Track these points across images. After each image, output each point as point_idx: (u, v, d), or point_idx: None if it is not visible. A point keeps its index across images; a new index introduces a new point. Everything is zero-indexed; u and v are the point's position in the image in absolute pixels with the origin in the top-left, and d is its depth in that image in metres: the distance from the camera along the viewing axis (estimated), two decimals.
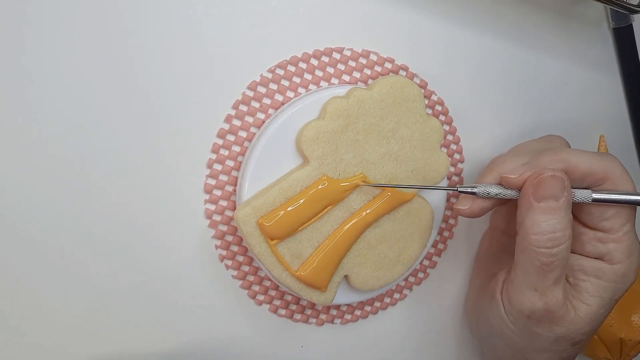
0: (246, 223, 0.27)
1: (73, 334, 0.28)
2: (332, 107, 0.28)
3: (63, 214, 0.27)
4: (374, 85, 0.29)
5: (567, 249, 0.27)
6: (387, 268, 0.31)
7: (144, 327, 0.29)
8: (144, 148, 0.28)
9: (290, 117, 0.29)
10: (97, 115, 0.27)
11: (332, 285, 0.30)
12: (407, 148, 0.30)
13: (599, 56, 0.39)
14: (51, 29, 0.26)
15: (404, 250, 0.31)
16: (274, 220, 0.27)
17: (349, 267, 0.30)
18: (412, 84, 0.30)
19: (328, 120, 0.28)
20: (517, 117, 0.37)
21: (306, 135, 0.28)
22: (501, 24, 0.35)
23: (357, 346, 0.35)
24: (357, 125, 0.29)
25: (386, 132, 0.30)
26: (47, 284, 0.27)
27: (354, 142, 0.29)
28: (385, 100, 0.29)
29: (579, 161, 0.28)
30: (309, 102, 0.29)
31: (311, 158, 0.28)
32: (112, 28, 0.27)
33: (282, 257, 0.28)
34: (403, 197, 0.30)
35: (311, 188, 0.28)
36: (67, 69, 0.26)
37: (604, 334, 0.38)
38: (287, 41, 0.30)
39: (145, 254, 0.29)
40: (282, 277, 0.28)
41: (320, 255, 0.29)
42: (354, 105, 0.29)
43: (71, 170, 0.27)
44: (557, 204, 0.27)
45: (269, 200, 0.28)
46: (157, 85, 0.28)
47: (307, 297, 0.29)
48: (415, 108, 0.30)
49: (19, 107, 0.26)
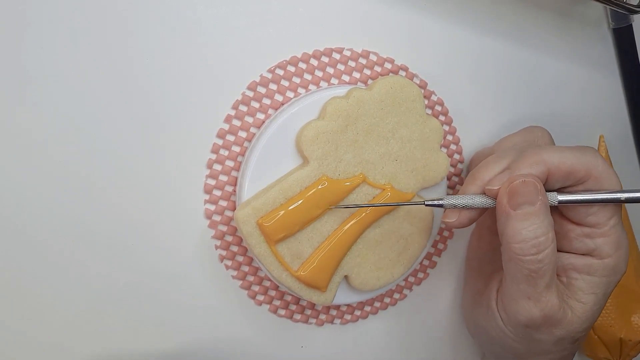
0: (246, 223, 0.27)
1: (73, 333, 0.28)
2: (332, 108, 0.28)
3: (63, 214, 0.27)
4: (374, 86, 0.29)
5: (552, 252, 0.27)
6: (387, 268, 0.31)
7: (144, 327, 0.29)
8: (143, 148, 0.28)
9: (290, 118, 0.29)
10: (97, 116, 0.27)
11: (332, 286, 0.30)
12: (407, 148, 0.30)
13: (599, 56, 0.39)
14: (51, 29, 0.26)
15: (404, 250, 0.31)
16: (274, 221, 0.27)
17: (349, 267, 0.30)
18: (412, 84, 0.30)
19: (328, 121, 0.28)
20: (517, 117, 0.37)
21: (306, 135, 0.28)
22: (501, 24, 0.35)
23: (357, 346, 0.35)
24: (356, 125, 0.29)
25: (386, 132, 0.30)
26: (46, 283, 0.27)
27: (353, 142, 0.29)
28: (385, 100, 0.29)
29: (560, 161, 0.27)
30: (308, 103, 0.29)
31: (311, 158, 0.28)
32: (111, 28, 0.27)
33: (282, 257, 0.28)
34: (402, 197, 0.30)
35: (311, 188, 0.28)
36: (66, 69, 0.26)
37: (603, 334, 0.38)
38: (287, 41, 0.30)
39: (145, 254, 0.29)
40: (282, 278, 0.28)
41: (320, 255, 0.29)
42: (354, 105, 0.29)
43: (71, 170, 0.27)
44: (533, 209, 0.26)
45: (268, 200, 0.27)
46: (156, 86, 0.28)
47: (307, 297, 0.29)
48: (415, 108, 0.30)
49: (18, 107, 0.26)
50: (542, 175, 0.28)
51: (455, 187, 0.35)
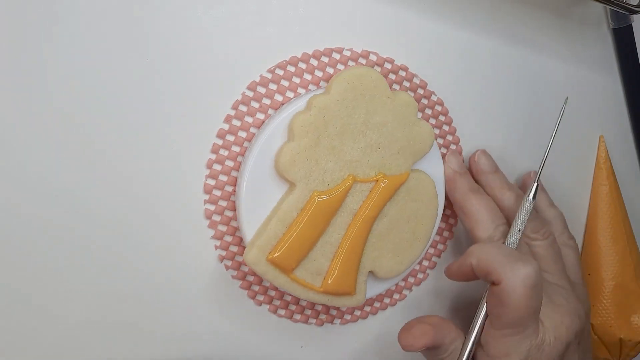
0: (258, 264, 0.28)
1: (73, 333, 0.28)
2: (298, 125, 0.28)
3: (62, 214, 0.27)
4: (331, 87, 0.29)
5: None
6: (406, 250, 0.31)
7: (143, 327, 0.29)
8: (143, 148, 0.28)
9: (289, 118, 0.29)
10: (97, 116, 0.27)
11: (359, 286, 0.30)
12: (386, 133, 0.30)
13: (599, 56, 0.39)
14: (50, 29, 0.26)
15: (416, 227, 0.31)
16: (283, 252, 0.28)
17: (370, 263, 0.30)
18: (367, 69, 0.29)
19: (298, 140, 0.28)
20: (517, 117, 0.37)
21: (283, 162, 0.28)
22: (501, 24, 0.35)
23: (356, 346, 0.35)
24: (328, 132, 0.28)
25: (359, 126, 0.29)
26: (45, 288, 0.27)
27: (331, 149, 0.28)
28: (346, 97, 0.29)
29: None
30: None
31: (296, 181, 0.28)
32: (111, 28, 0.27)
33: (303, 280, 0.29)
34: (398, 180, 0.30)
35: (306, 209, 0.28)
36: (66, 69, 0.26)
37: (603, 334, 0.38)
38: (286, 41, 0.30)
39: (145, 254, 0.29)
40: (310, 297, 0.29)
41: (338, 263, 0.29)
42: (318, 115, 0.28)
43: (71, 170, 0.27)
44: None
45: (270, 234, 0.28)
46: (156, 86, 0.28)
47: (340, 304, 0.30)
48: (380, 92, 0.29)
49: (17, 107, 0.26)
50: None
51: None
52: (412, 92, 0.33)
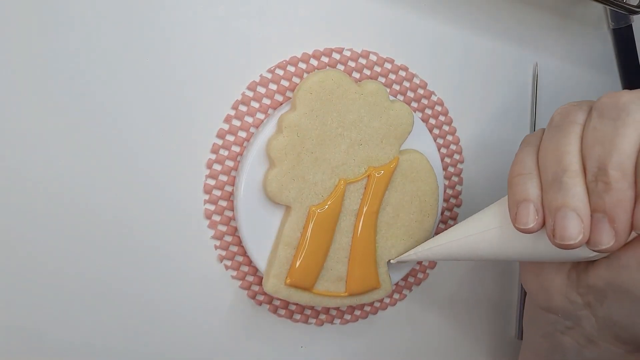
0: (278, 292, 0.29)
1: (72, 333, 0.28)
2: (275, 152, 0.28)
3: (62, 214, 0.27)
4: (295, 102, 0.28)
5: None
6: (418, 230, 0.31)
7: (143, 327, 0.29)
8: (143, 148, 0.28)
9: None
10: (97, 116, 0.27)
11: (383, 277, 0.31)
12: (363, 127, 0.29)
13: (598, 56, 0.39)
14: (50, 29, 0.26)
15: (421, 205, 0.31)
16: (298, 273, 0.28)
17: (386, 254, 0.31)
18: (325, 73, 0.28)
19: (279, 165, 0.28)
20: (517, 117, 0.37)
21: (272, 190, 0.28)
22: (501, 24, 0.35)
23: (356, 346, 0.35)
24: (306, 147, 0.28)
25: (335, 129, 0.29)
26: (45, 288, 0.27)
27: (314, 161, 0.28)
28: (314, 107, 0.28)
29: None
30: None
31: (290, 203, 0.28)
32: (111, 28, 0.27)
33: (326, 291, 0.29)
34: (388, 168, 0.30)
35: (308, 225, 0.29)
36: (66, 69, 0.26)
37: None
38: (286, 41, 0.30)
39: (145, 254, 0.29)
40: (338, 304, 0.30)
41: (355, 265, 0.30)
42: (290, 134, 0.28)
43: (70, 170, 0.27)
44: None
45: (282, 260, 0.28)
46: (156, 86, 0.28)
47: (369, 300, 0.31)
48: (345, 90, 0.29)
49: (18, 107, 0.26)
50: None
51: (455, 187, 0.35)
52: (412, 92, 0.33)
